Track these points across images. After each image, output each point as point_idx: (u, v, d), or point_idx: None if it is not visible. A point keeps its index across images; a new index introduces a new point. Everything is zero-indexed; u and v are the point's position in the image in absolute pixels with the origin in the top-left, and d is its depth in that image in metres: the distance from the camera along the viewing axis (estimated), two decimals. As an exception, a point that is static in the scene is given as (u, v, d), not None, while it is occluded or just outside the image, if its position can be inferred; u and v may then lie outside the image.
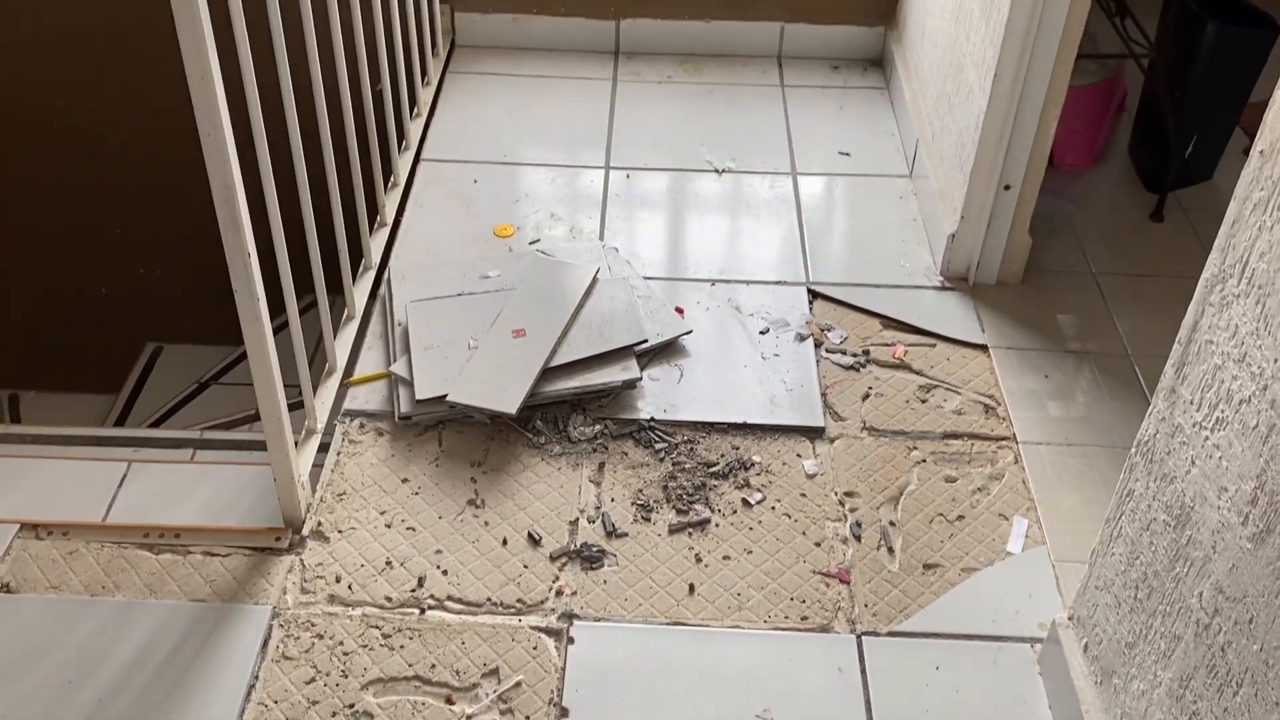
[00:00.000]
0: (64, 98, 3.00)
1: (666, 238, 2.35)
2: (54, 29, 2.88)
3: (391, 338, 2.03)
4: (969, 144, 2.11)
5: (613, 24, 2.89)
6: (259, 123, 1.53)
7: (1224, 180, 2.52)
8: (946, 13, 2.33)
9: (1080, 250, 2.32)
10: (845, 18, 2.87)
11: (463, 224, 2.34)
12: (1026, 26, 1.93)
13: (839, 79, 2.86)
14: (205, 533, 1.74)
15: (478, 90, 2.76)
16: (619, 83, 2.82)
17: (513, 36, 2.89)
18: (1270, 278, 1.08)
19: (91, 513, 1.79)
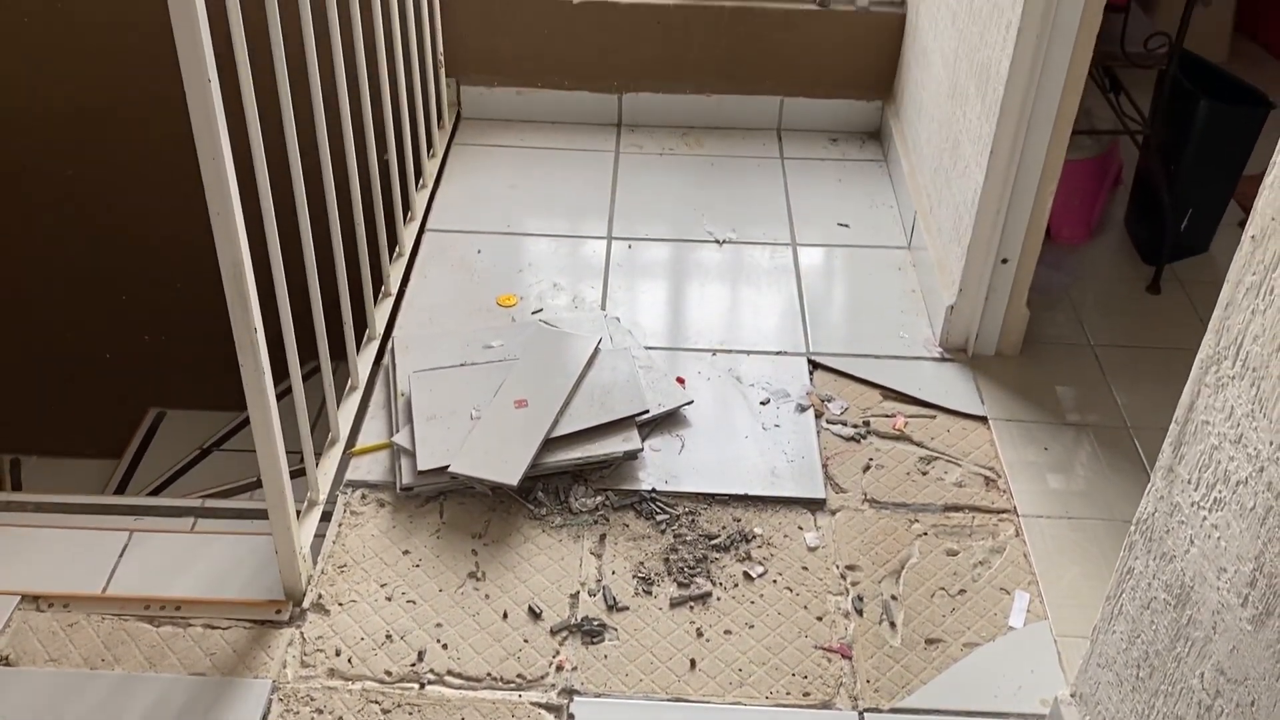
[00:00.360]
0: (74, 166, 3.04)
1: (668, 308, 2.37)
2: (65, 101, 2.94)
3: (394, 407, 2.04)
4: (966, 218, 2.14)
5: (615, 97, 2.94)
6: (267, 197, 1.56)
7: (1219, 252, 2.55)
8: (942, 90, 2.37)
9: (1078, 322, 2.34)
10: (843, 92, 2.92)
11: (466, 293, 2.36)
12: (1021, 104, 1.97)
13: (837, 151, 2.91)
14: (206, 605, 1.73)
15: (483, 161, 2.80)
16: (621, 154, 2.87)
17: (517, 109, 2.94)
18: (1264, 361, 1.09)
19: (92, 583, 1.79)
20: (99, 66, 2.89)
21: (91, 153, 3.02)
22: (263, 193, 1.54)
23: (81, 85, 2.91)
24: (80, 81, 2.91)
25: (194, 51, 1.24)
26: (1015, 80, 1.95)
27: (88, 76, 2.90)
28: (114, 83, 2.91)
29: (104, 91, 2.93)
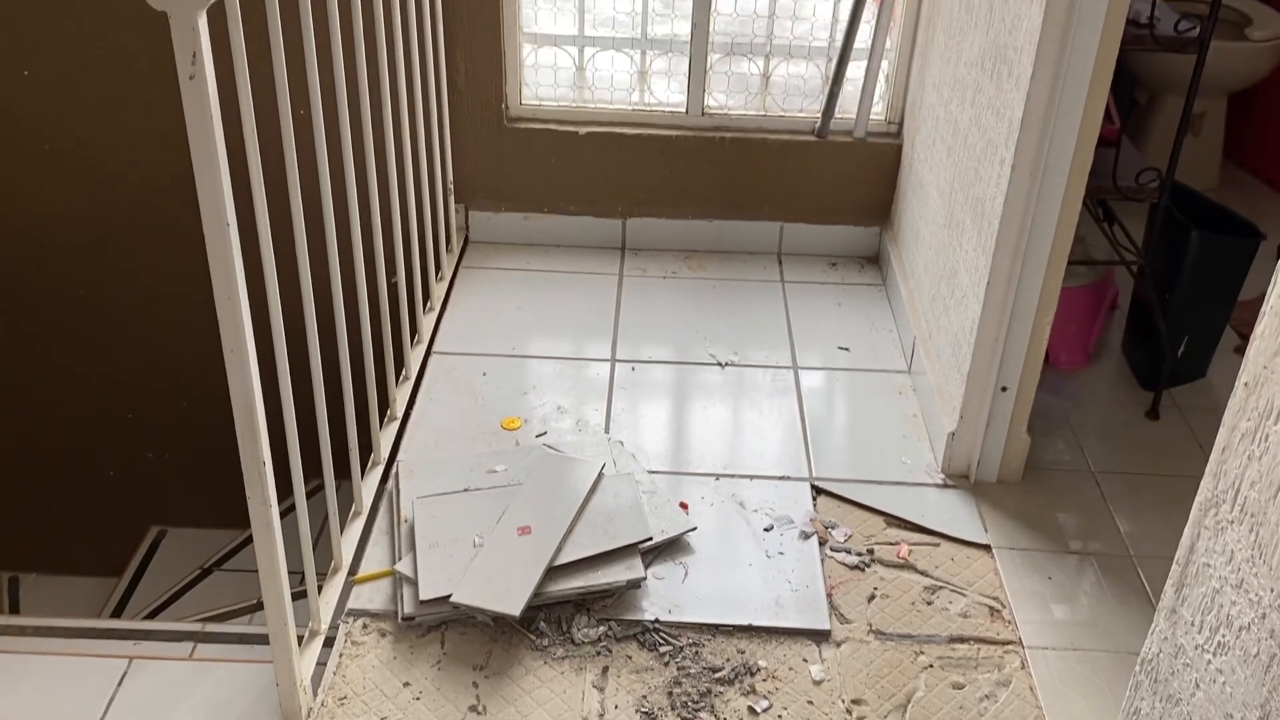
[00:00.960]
0: (86, 287, 3.10)
1: (671, 431, 2.39)
2: (80, 224, 3.00)
3: (397, 534, 2.05)
4: (965, 346, 2.17)
5: (619, 222, 3.00)
6: (280, 332, 1.59)
7: (1217, 377, 2.57)
8: (938, 220, 2.43)
9: (1079, 448, 2.36)
10: (842, 218, 2.98)
11: (471, 416, 2.38)
12: (1017, 238, 2.02)
13: (837, 275, 2.96)
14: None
15: (489, 284, 2.85)
16: (625, 277, 2.92)
17: (524, 233, 3.00)
18: (1262, 507, 1.11)
19: (90, 713, 1.77)
20: (115, 192, 2.97)
21: (104, 274, 3.07)
22: (276, 329, 1.57)
23: (97, 209, 2.98)
24: (95, 206, 2.98)
25: (214, 200, 1.28)
26: (1010, 215, 2.00)
27: (103, 201, 2.97)
28: (128, 208, 2.98)
29: (118, 215, 3.00)
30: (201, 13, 1.20)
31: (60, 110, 2.86)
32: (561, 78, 2.96)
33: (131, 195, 2.96)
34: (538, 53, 2.93)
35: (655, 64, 2.96)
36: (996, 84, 2.06)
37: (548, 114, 2.93)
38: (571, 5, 2.89)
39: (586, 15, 2.90)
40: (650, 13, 2.89)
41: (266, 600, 1.59)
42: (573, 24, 2.92)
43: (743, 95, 2.97)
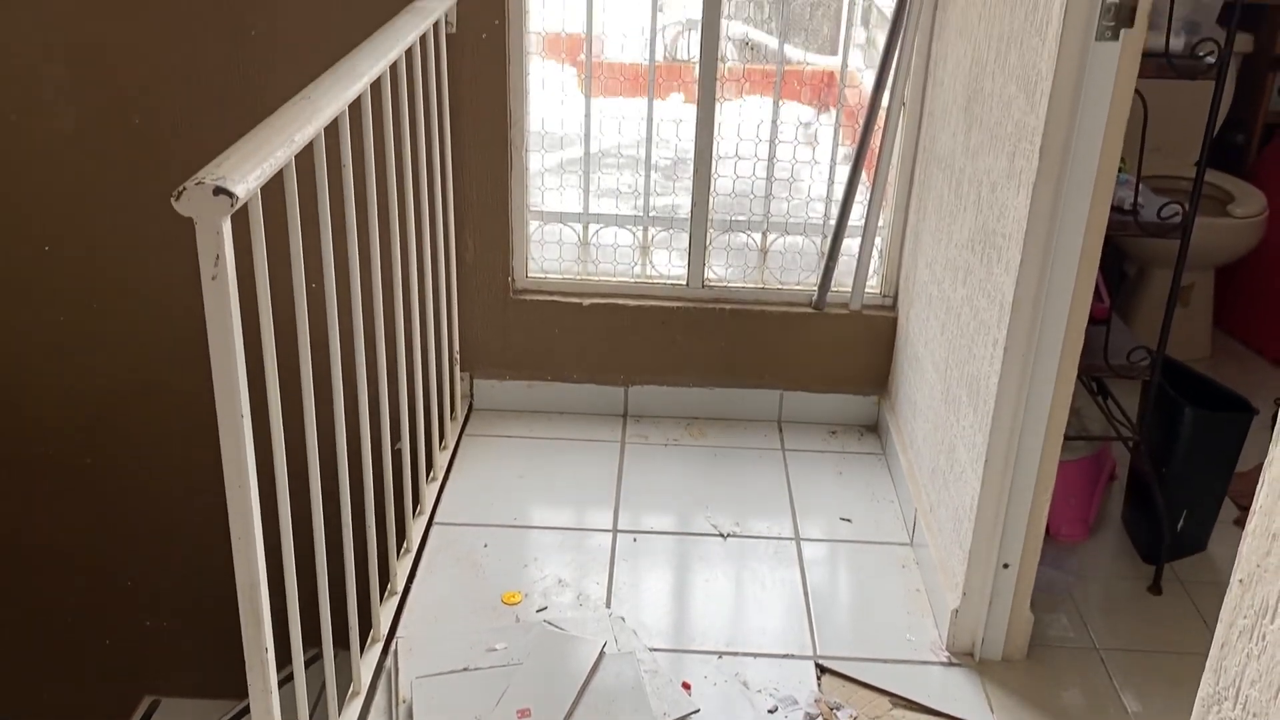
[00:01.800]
0: (92, 454, 3.12)
1: (673, 605, 2.38)
2: (90, 393, 3.05)
3: (395, 715, 2.02)
4: (965, 522, 2.19)
5: (622, 390, 3.05)
6: (287, 517, 1.61)
7: (1218, 550, 2.57)
8: (935, 394, 2.47)
9: (1083, 624, 2.34)
10: (840, 388, 3.03)
11: (472, 590, 2.38)
12: (1012, 416, 2.06)
13: (837, 444, 2.99)
14: None
15: (492, 453, 2.88)
16: (627, 444, 2.95)
17: (527, 401, 3.05)
18: (1264, 706, 1.11)
19: None
20: (122, 362, 3.02)
21: (111, 442, 3.10)
22: (283, 513, 1.59)
23: (104, 379, 3.03)
24: (103, 375, 3.03)
25: (230, 396, 1.32)
26: (1005, 395, 2.04)
27: (110, 371, 3.03)
28: (135, 377, 3.03)
29: (124, 385, 3.04)
30: (226, 219, 1.27)
31: (77, 282, 2.94)
32: (566, 252, 3.05)
33: (138, 365, 3.02)
34: (544, 229, 3.03)
35: (656, 238, 3.06)
36: (987, 268, 2.13)
37: (552, 286, 3.01)
38: (576, 182, 3.00)
39: (591, 187, 3.01)
40: (653, 187, 3.00)
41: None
42: (578, 201, 3.03)
43: (741, 268, 3.06)
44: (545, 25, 2.85)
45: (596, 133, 2.96)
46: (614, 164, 3.06)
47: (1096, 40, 1.79)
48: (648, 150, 2.96)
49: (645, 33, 2.89)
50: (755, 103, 2.96)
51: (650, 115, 2.93)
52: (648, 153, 2.97)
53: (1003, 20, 2.11)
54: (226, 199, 1.25)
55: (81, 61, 2.72)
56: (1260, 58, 3.62)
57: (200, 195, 1.24)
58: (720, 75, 2.82)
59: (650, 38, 2.88)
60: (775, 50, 2.90)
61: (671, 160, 3.02)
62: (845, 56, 2.91)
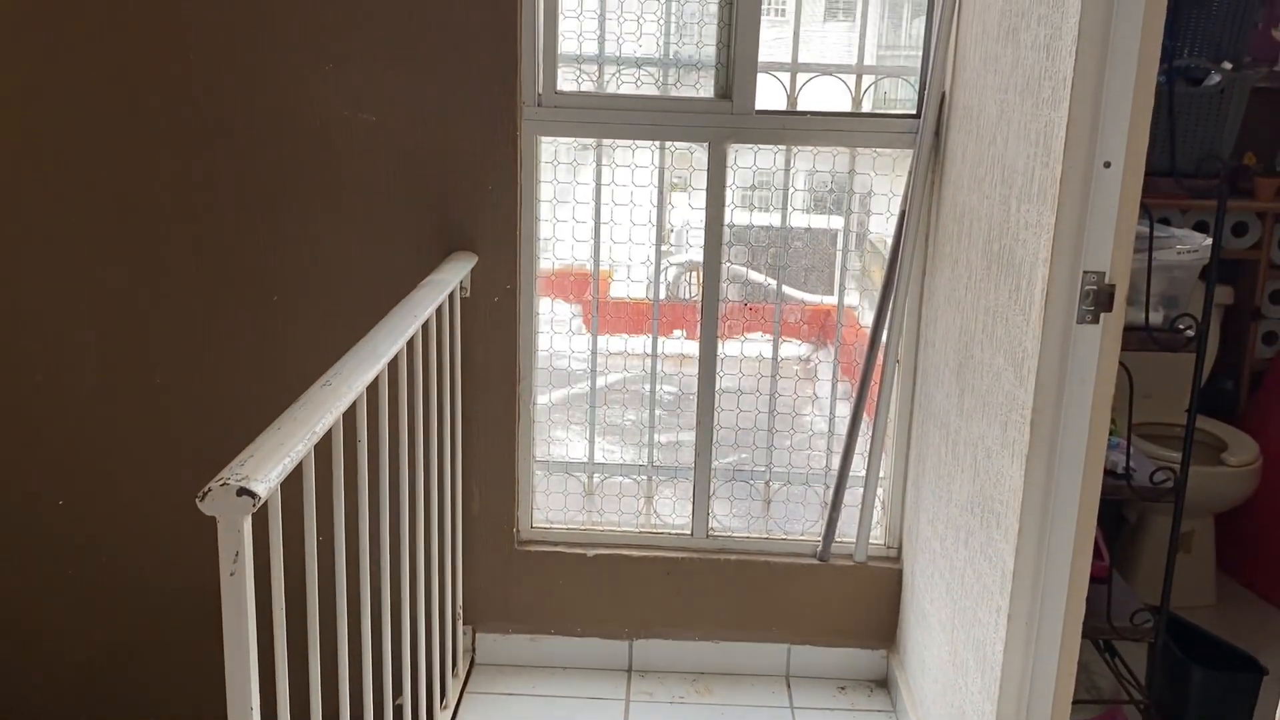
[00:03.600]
0: (96, 707, 3.07)
1: None
2: (89, 646, 3.03)
3: None
4: (979, 794, 2.13)
5: (626, 644, 3.03)
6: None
7: (1242, 817, 2.50)
8: (943, 654, 2.46)
9: None
10: (848, 641, 3.01)
11: None
12: (1019, 686, 2.04)
13: (846, 701, 2.94)
14: None
15: (495, 712, 2.83)
16: (632, 702, 2.90)
17: (531, 656, 3.02)
18: None
19: None
20: (129, 616, 3.02)
21: (113, 695, 3.06)
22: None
23: (111, 633, 3.02)
24: (110, 628, 3.02)
25: (242, 688, 1.33)
26: (1011, 664, 2.03)
27: (119, 628, 3.02)
28: (140, 630, 3.02)
29: (129, 637, 3.03)
30: (247, 518, 1.32)
31: (89, 537, 2.97)
32: (571, 501, 3.09)
33: (142, 621, 3.01)
34: (549, 479, 3.08)
35: (661, 489, 3.10)
36: (986, 532, 2.17)
37: (557, 536, 3.04)
38: (583, 418, 3.08)
39: (596, 423, 3.07)
40: (657, 421, 3.07)
41: None
42: (583, 450, 3.10)
43: (745, 518, 3.09)
44: (555, 261, 2.99)
45: (602, 368, 3.05)
46: (619, 400, 3.14)
47: (1078, 323, 1.89)
48: (652, 386, 3.05)
49: (650, 269, 3.02)
50: (755, 340, 3.07)
51: (654, 351, 3.03)
52: (652, 388, 3.05)
53: (988, 295, 2.23)
54: (249, 499, 1.30)
55: (109, 322, 2.84)
56: (1241, 309, 3.77)
57: (224, 496, 1.30)
58: (722, 314, 2.94)
59: (655, 278, 3.02)
60: (773, 289, 3.03)
61: (675, 395, 3.11)
62: (841, 296, 3.03)
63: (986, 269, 2.24)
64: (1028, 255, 1.99)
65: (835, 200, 2.98)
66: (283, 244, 2.77)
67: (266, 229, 2.76)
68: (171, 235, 2.78)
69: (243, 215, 2.76)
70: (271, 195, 2.74)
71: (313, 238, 2.76)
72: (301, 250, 2.77)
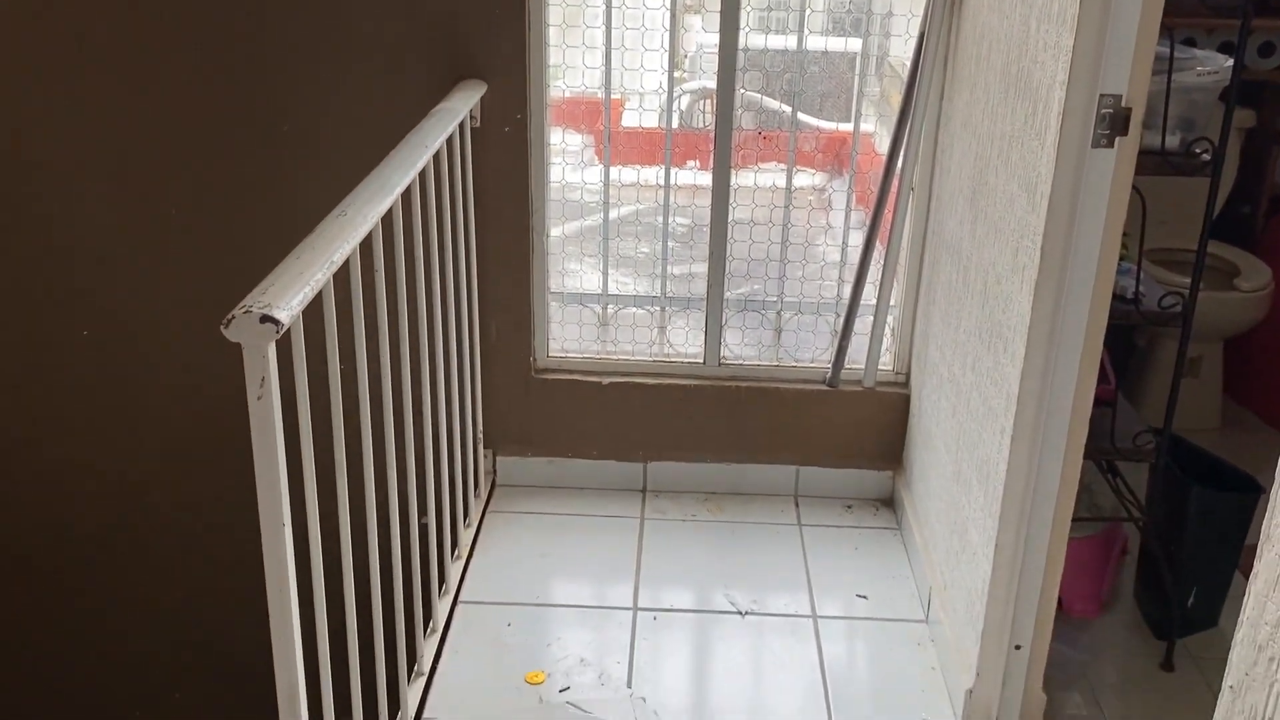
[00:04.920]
0: (118, 536, 3.21)
1: (692, 684, 2.43)
2: (124, 469, 3.14)
3: (424, 797, 2.08)
4: (977, 605, 2.24)
5: (640, 466, 3.12)
6: (322, 607, 1.68)
7: (1229, 625, 2.61)
8: (947, 473, 2.54)
9: (1095, 703, 2.38)
10: (855, 462, 3.10)
11: (496, 670, 2.44)
12: (1021, 501, 2.12)
13: (852, 518, 3.05)
14: None
15: (515, 530, 2.95)
16: (646, 520, 3.02)
17: (549, 477, 3.12)
18: (1258, 812, 1.16)
19: None
20: (158, 446, 3.12)
21: (142, 524, 3.19)
22: (319, 611, 1.66)
23: (139, 463, 3.13)
24: (138, 459, 3.12)
25: (273, 511, 1.40)
26: (1013, 482, 2.10)
27: (145, 454, 3.12)
28: (171, 463, 3.13)
29: (160, 470, 3.14)
30: (271, 344, 1.36)
31: (114, 368, 3.04)
32: (586, 332, 3.14)
33: (175, 446, 3.12)
34: (564, 309, 3.12)
35: (674, 319, 3.14)
36: (994, 357, 2.21)
37: (573, 366, 3.10)
38: (596, 250, 3.10)
39: (610, 255, 3.09)
40: (670, 253, 3.09)
41: None
42: (597, 282, 3.13)
43: (756, 346, 3.14)
44: (565, 89, 2.95)
45: (615, 200, 3.05)
46: (633, 232, 3.15)
47: (1093, 147, 1.88)
48: (665, 218, 3.05)
49: (662, 97, 2.99)
50: (770, 170, 3.05)
51: (667, 183, 3.02)
52: (665, 221, 3.05)
53: (1004, 120, 2.20)
54: (272, 326, 1.34)
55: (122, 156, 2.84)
56: (1263, 132, 3.71)
57: (247, 323, 1.33)
58: (735, 143, 2.91)
59: (667, 106, 2.99)
60: (789, 116, 2.99)
61: (688, 227, 3.12)
62: (857, 122, 2.99)
63: (1004, 93, 2.21)
64: (1045, 78, 1.96)
65: (854, 21, 2.91)
66: (292, 73, 2.74)
67: (275, 59, 2.73)
68: (182, 65, 2.75)
69: (252, 45, 2.72)
70: (280, 24, 2.70)
71: (320, 66, 2.73)
72: (310, 79, 2.74)
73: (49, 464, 3.16)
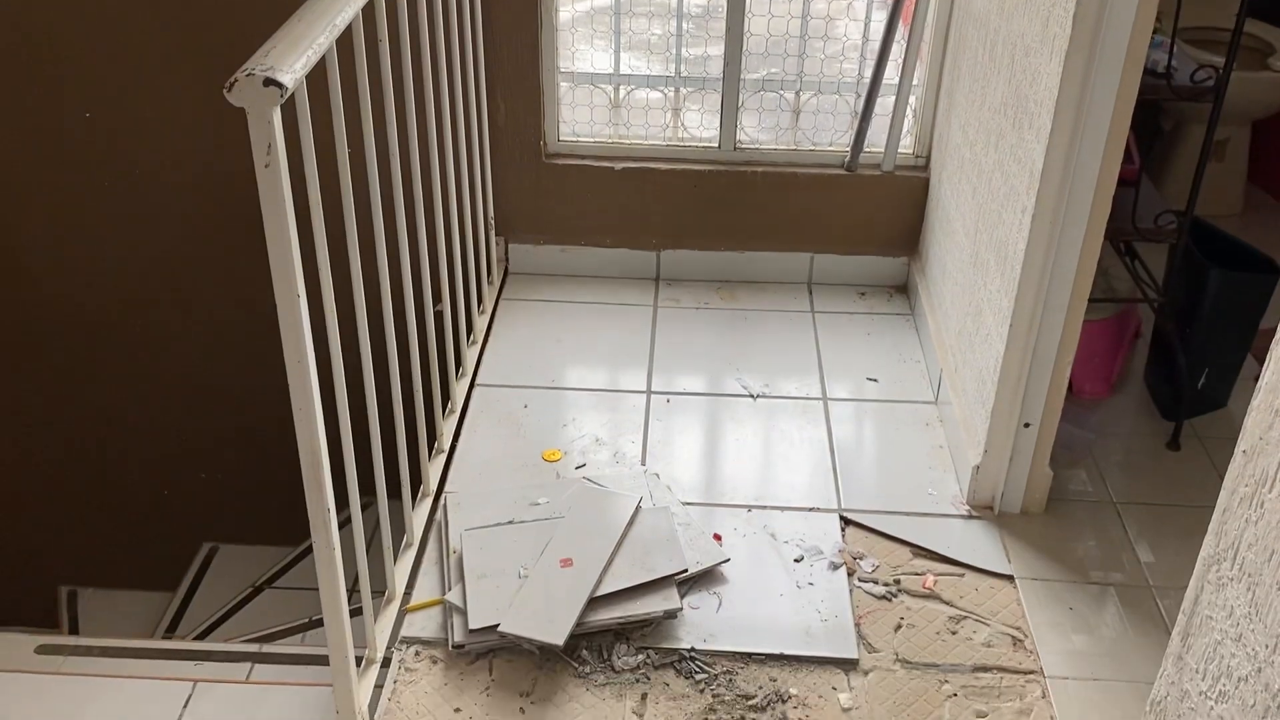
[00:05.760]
0: (140, 313, 3.23)
1: (704, 462, 2.49)
2: (136, 251, 3.14)
3: (446, 564, 2.16)
4: (989, 384, 2.26)
5: (654, 254, 3.10)
6: (340, 379, 1.70)
7: (1238, 407, 2.64)
8: (964, 256, 2.51)
9: (1101, 480, 2.43)
10: (870, 249, 3.07)
11: (513, 449, 2.49)
12: (1038, 283, 2.10)
13: (866, 305, 3.05)
14: (269, 761, 1.83)
15: (529, 316, 2.96)
16: (659, 308, 3.02)
17: (562, 265, 3.11)
18: (1258, 568, 1.19)
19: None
20: (171, 221, 3.10)
21: (157, 301, 3.21)
22: (337, 378, 1.68)
23: (153, 237, 3.12)
24: (152, 234, 3.11)
25: (287, 276, 1.39)
26: (1032, 261, 2.08)
27: (159, 229, 3.11)
28: (185, 235, 3.11)
29: (175, 243, 3.13)
30: (276, 109, 1.31)
31: (120, 149, 2.99)
32: (598, 114, 3.06)
33: (188, 224, 3.10)
34: (575, 91, 3.04)
35: (688, 99, 3.06)
36: (1018, 133, 2.15)
37: (584, 150, 3.04)
38: (607, 30, 2.99)
39: (622, 35, 2.98)
40: (684, 34, 2.98)
41: (330, 637, 1.70)
42: (608, 61, 3.03)
43: (773, 130, 3.06)
44: None
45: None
46: (645, 12, 3.03)
47: (1136, -97, 1.77)
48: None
49: None
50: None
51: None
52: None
53: (1042, -123, 2.07)
54: (276, 90, 1.29)
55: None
56: (1314, -100, 3.49)
57: (250, 87, 1.29)
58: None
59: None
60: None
61: (703, 7, 2.99)
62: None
63: None
64: None
65: None
66: None
67: None
68: None
69: None
70: None
71: None
72: None
73: (65, 248, 3.15)
